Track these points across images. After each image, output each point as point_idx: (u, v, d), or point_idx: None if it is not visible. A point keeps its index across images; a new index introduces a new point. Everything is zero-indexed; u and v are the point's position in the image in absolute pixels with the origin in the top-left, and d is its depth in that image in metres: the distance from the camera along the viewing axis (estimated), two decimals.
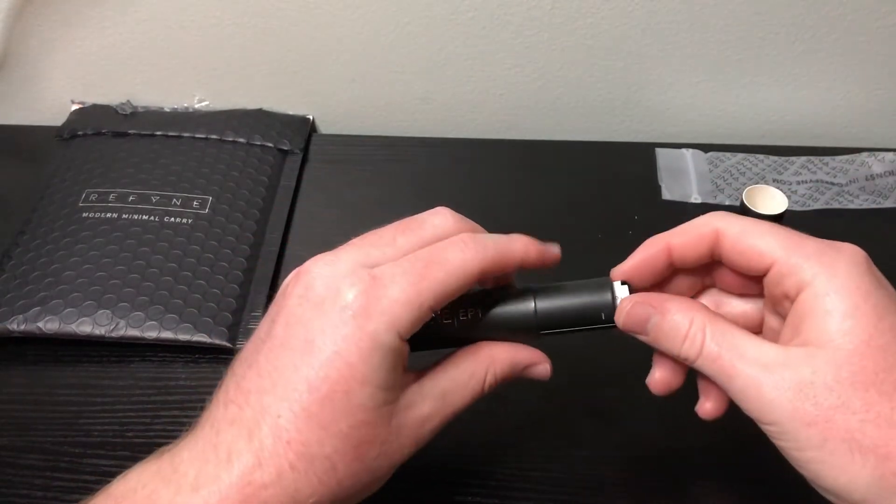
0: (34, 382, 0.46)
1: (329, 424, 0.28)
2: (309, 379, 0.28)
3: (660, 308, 0.31)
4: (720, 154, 0.60)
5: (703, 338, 0.30)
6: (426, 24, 0.58)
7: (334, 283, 0.30)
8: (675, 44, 0.59)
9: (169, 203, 0.53)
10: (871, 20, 0.57)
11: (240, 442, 0.29)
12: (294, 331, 0.29)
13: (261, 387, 0.29)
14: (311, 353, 0.29)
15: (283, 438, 0.28)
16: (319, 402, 0.28)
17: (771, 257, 0.30)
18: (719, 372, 0.30)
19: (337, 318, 0.29)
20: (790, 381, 0.28)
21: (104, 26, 0.60)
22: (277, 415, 0.29)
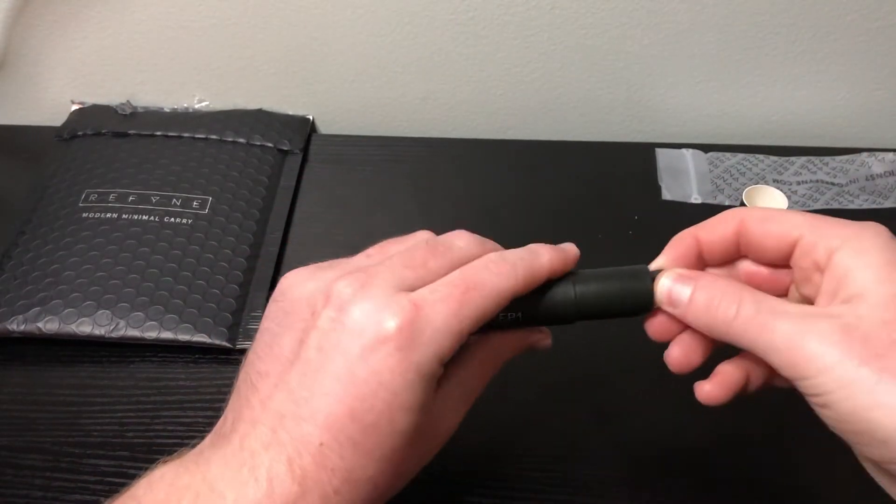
0: (34, 382, 0.46)
1: (373, 450, 0.29)
2: (353, 409, 0.28)
3: (696, 279, 0.31)
4: (720, 154, 0.60)
5: (740, 300, 0.30)
6: (426, 24, 0.58)
7: (375, 311, 0.29)
8: (675, 44, 0.59)
9: (169, 203, 0.53)
10: (871, 20, 0.57)
11: (279, 467, 0.28)
12: (331, 357, 0.29)
13: (297, 413, 0.29)
14: (353, 384, 0.28)
15: (328, 467, 0.28)
16: (363, 431, 0.28)
17: (797, 232, 0.30)
18: (758, 331, 0.29)
19: (380, 349, 0.28)
20: (835, 326, 0.27)
21: (104, 26, 0.60)
22: (319, 443, 0.28)
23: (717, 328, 0.30)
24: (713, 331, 0.31)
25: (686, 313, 0.31)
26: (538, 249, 0.33)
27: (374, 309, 0.29)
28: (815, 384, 0.27)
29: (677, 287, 0.31)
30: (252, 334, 0.47)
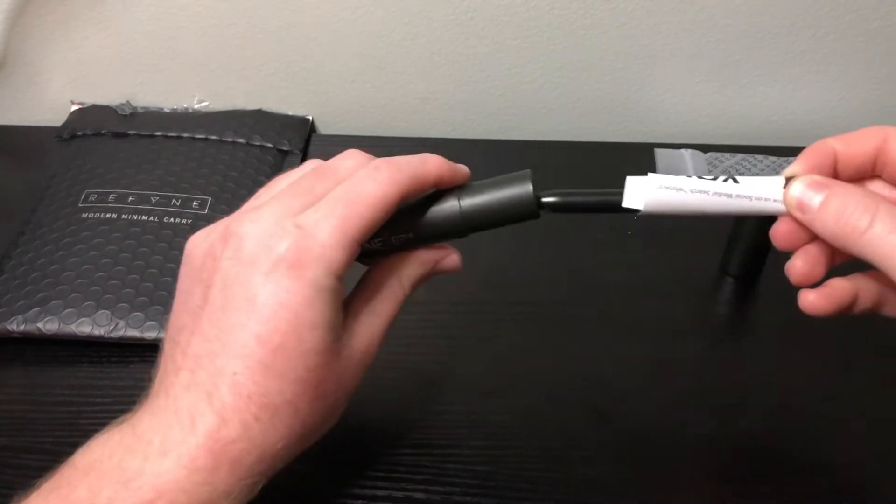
0: (34, 382, 0.46)
1: (286, 372, 0.30)
2: (259, 334, 0.29)
3: (830, 186, 0.30)
4: (719, 154, 0.60)
5: (874, 212, 0.29)
6: (426, 24, 0.58)
7: (264, 239, 0.30)
8: (675, 44, 0.59)
9: (168, 203, 0.53)
10: (871, 20, 0.57)
11: (200, 404, 0.30)
12: (233, 292, 0.30)
13: (210, 350, 0.30)
14: (255, 310, 0.30)
15: (244, 394, 0.30)
16: (273, 353, 0.29)
17: None
18: (892, 247, 0.28)
19: (274, 273, 0.30)
20: None
21: (104, 26, 0.60)
22: (233, 372, 0.30)
23: (845, 238, 0.29)
24: (841, 240, 0.30)
25: (815, 219, 0.30)
26: (426, 157, 0.34)
27: (265, 237, 0.30)
28: None
29: (809, 193, 0.30)
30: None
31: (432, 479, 0.40)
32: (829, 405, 0.44)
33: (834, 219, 0.30)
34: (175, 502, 0.29)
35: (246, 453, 0.30)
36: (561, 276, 0.51)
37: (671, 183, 0.32)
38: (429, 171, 0.34)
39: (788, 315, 0.48)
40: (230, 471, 0.30)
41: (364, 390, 0.45)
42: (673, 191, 0.32)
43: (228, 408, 0.30)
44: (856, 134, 0.32)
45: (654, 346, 0.47)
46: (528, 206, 0.34)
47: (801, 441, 0.43)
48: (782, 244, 0.33)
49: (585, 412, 0.43)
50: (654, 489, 0.40)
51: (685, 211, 0.32)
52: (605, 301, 0.50)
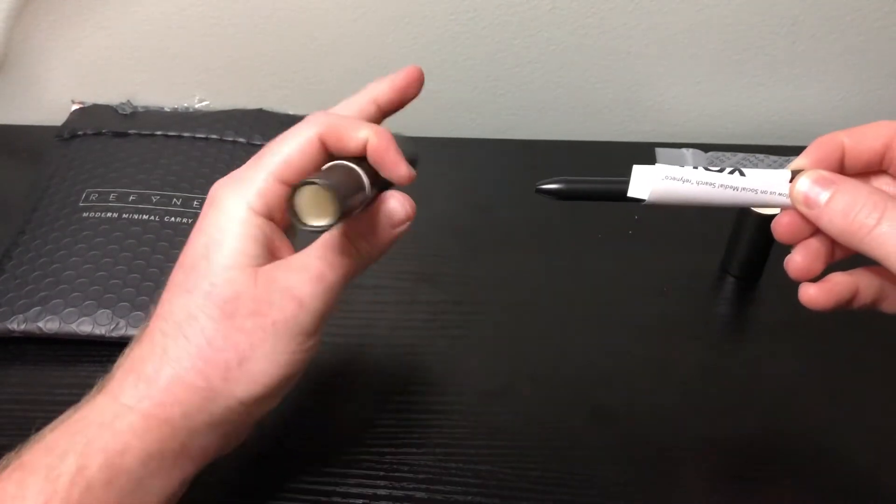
0: (34, 382, 0.46)
1: (192, 288, 0.32)
2: (180, 262, 0.33)
3: (838, 182, 0.30)
4: (720, 154, 0.60)
5: (882, 210, 0.29)
6: (426, 24, 0.58)
7: (211, 190, 0.34)
8: (675, 44, 0.59)
9: (169, 203, 0.53)
10: (871, 20, 0.57)
11: (138, 346, 0.33)
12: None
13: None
14: (184, 248, 0.33)
15: (153, 312, 0.33)
16: (184, 272, 0.32)
17: None
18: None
19: (201, 213, 0.33)
20: None
21: (104, 26, 0.60)
22: (158, 299, 0.33)
23: (852, 235, 0.30)
24: (847, 237, 0.30)
25: (821, 215, 0.30)
26: (365, 123, 0.35)
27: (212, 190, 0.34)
28: None
29: (815, 188, 0.30)
30: None
31: (433, 478, 0.40)
32: (830, 405, 0.44)
33: (841, 215, 0.30)
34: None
35: (152, 370, 0.32)
36: (561, 275, 0.51)
37: (677, 174, 0.32)
38: (352, 128, 0.35)
39: (789, 315, 0.49)
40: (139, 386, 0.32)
41: (364, 390, 0.45)
42: (679, 182, 0.32)
43: (146, 330, 0.33)
44: (865, 128, 0.32)
45: (654, 346, 0.47)
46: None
47: (801, 441, 0.43)
48: (784, 237, 0.33)
49: (586, 412, 0.43)
50: (654, 489, 0.40)
51: (690, 202, 0.32)
52: (606, 301, 0.50)
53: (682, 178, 0.32)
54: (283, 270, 0.32)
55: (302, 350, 0.33)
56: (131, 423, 0.31)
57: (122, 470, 0.30)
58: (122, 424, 0.31)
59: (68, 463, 0.30)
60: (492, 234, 0.54)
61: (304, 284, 0.32)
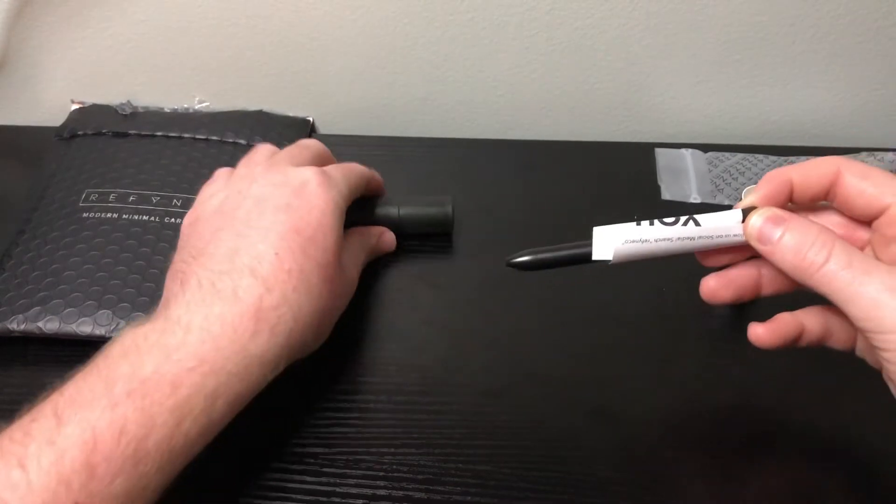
0: (34, 382, 0.45)
1: (313, 256, 0.38)
2: (297, 226, 0.39)
3: (789, 220, 0.32)
4: (720, 154, 0.60)
5: (831, 248, 0.31)
6: (426, 24, 0.58)
7: (290, 172, 0.42)
8: (675, 44, 0.59)
9: (169, 204, 0.53)
10: (871, 20, 0.57)
11: (243, 280, 0.36)
12: (266, 204, 0.40)
13: (249, 242, 0.38)
14: (291, 211, 0.39)
15: (285, 268, 0.37)
16: (307, 241, 0.39)
17: (889, 200, 0.32)
18: (846, 283, 0.30)
19: (307, 187, 0.41)
20: None
21: (104, 26, 0.60)
22: (275, 253, 0.37)
23: (802, 271, 0.32)
24: (797, 273, 0.32)
25: (773, 252, 0.32)
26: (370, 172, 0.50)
27: (290, 172, 0.42)
28: (890, 339, 0.30)
29: (768, 225, 0.33)
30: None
31: (433, 478, 0.40)
32: (831, 405, 0.44)
33: (792, 252, 0.32)
34: (216, 367, 0.34)
35: (283, 321, 0.36)
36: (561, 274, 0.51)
37: (636, 235, 0.34)
38: (375, 179, 0.51)
39: None
40: (269, 337, 0.36)
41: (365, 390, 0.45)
42: (639, 242, 0.34)
43: (271, 278, 0.37)
44: (811, 164, 0.34)
45: (653, 346, 0.47)
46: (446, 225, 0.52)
47: (801, 441, 0.43)
48: (706, 261, 0.36)
49: (586, 412, 0.43)
50: (654, 489, 0.40)
51: (653, 255, 0.34)
52: (606, 300, 0.50)
53: (640, 238, 0.34)
54: (346, 269, 0.44)
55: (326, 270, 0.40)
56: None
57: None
58: (199, 352, 0.35)
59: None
60: (491, 234, 0.54)
61: (354, 284, 0.46)
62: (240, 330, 0.35)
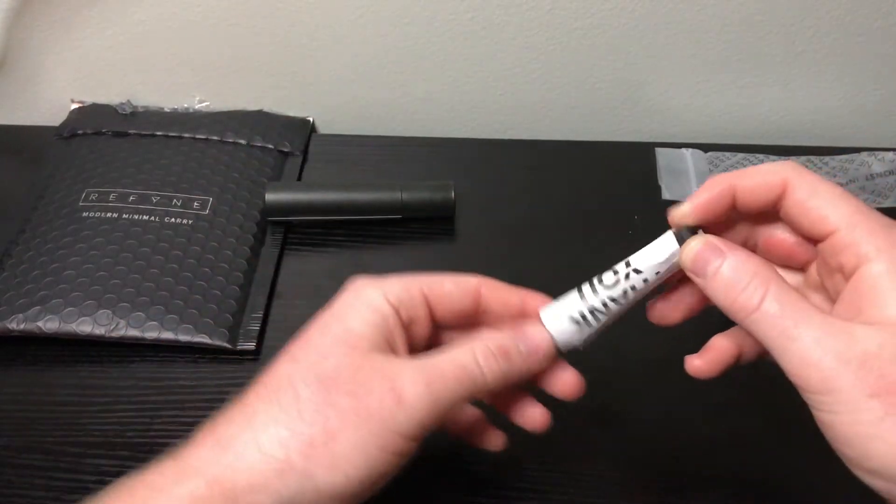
0: (34, 382, 0.46)
1: (300, 357, 0.31)
2: (299, 335, 0.32)
3: (728, 251, 0.30)
4: (720, 154, 0.60)
5: (765, 292, 0.28)
6: (426, 24, 0.58)
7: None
8: (675, 44, 0.59)
9: (169, 203, 0.53)
10: (871, 20, 0.57)
11: (228, 410, 0.31)
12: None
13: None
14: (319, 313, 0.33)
15: (279, 361, 0.32)
16: (298, 343, 0.32)
17: (834, 225, 0.29)
18: (777, 332, 0.28)
19: (344, 291, 0.34)
20: (856, 351, 0.27)
21: (104, 26, 0.60)
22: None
23: (735, 312, 0.29)
24: (731, 314, 0.30)
25: (707, 286, 0.30)
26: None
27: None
28: (821, 400, 0.27)
29: (704, 256, 0.30)
30: (252, 335, 0.47)
31: (432, 478, 0.40)
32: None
33: (725, 290, 0.29)
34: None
35: (235, 438, 0.30)
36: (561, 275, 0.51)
37: (575, 311, 0.33)
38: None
39: None
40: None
41: None
42: (589, 319, 0.34)
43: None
44: (757, 171, 0.31)
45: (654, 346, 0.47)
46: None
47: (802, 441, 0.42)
48: (657, 322, 0.35)
49: (586, 412, 0.43)
50: (654, 489, 0.40)
51: (613, 320, 0.34)
52: None
53: (582, 312, 0.33)
54: (394, 363, 0.31)
55: (395, 451, 0.30)
56: (192, 489, 0.28)
57: None
58: (182, 490, 0.29)
59: None
60: (491, 234, 0.54)
61: (409, 383, 0.30)
62: None
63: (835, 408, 0.27)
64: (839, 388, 0.27)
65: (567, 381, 0.35)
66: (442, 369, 0.31)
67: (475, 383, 0.32)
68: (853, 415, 0.27)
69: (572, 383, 0.35)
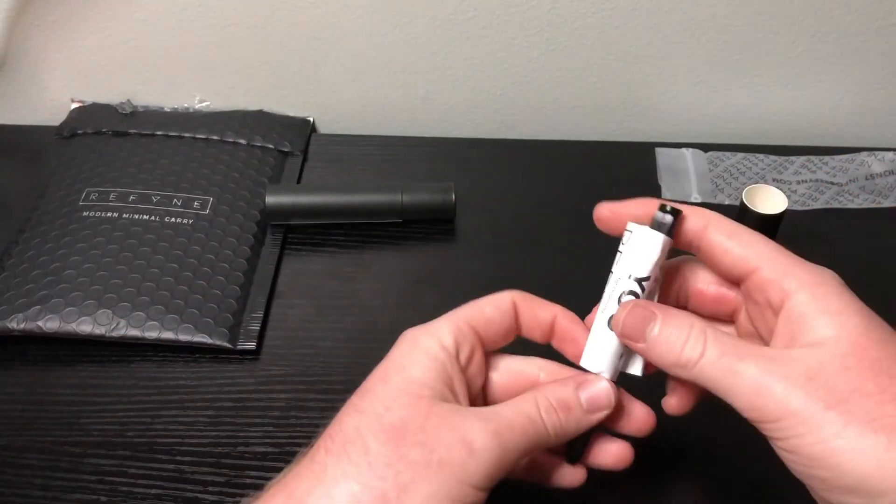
0: (34, 382, 0.46)
1: (365, 409, 0.31)
2: (360, 386, 0.32)
3: (661, 312, 0.31)
4: (720, 154, 0.60)
5: (704, 341, 0.30)
6: (426, 24, 0.58)
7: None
8: (675, 44, 0.59)
9: (169, 203, 0.53)
10: (871, 20, 0.57)
11: (298, 465, 0.31)
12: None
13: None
14: (369, 375, 0.33)
15: (322, 433, 0.31)
16: (361, 394, 0.31)
17: (756, 264, 0.30)
18: (723, 374, 0.29)
19: (400, 342, 0.33)
20: (800, 371, 0.27)
21: (104, 26, 0.60)
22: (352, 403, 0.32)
23: (679, 369, 0.30)
24: (674, 370, 0.31)
25: (648, 350, 0.31)
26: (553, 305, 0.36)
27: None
28: (780, 427, 0.28)
29: (638, 322, 0.31)
30: (252, 335, 0.47)
31: None
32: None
33: (666, 351, 0.30)
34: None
35: (308, 495, 0.29)
36: (561, 275, 0.51)
37: (615, 346, 0.33)
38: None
39: None
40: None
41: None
42: (625, 353, 0.33)
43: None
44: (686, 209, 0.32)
45: None
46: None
47: None
48: (676, 413, 0.35)
49: None
50: (654, 489, 0.40)
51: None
52: None
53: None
54: (461, 413, 0.31)
55: (464, 502, 0.30)
56: None
57: None
58: None
59: None
60: (492, 234, 0.54)
61: (479, 433, 0.30)
62: None
63: (796, 430, 0.27)
64: (795, 409, 0.27)
65: (638, 417, 0.35)
66: (509, 420, 0.31)
67: (539, 435, 0.32)
68: (815, 433, 0.27)
69: (643, 418, 0.35)
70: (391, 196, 0.53)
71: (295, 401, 0.44)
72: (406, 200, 0.53)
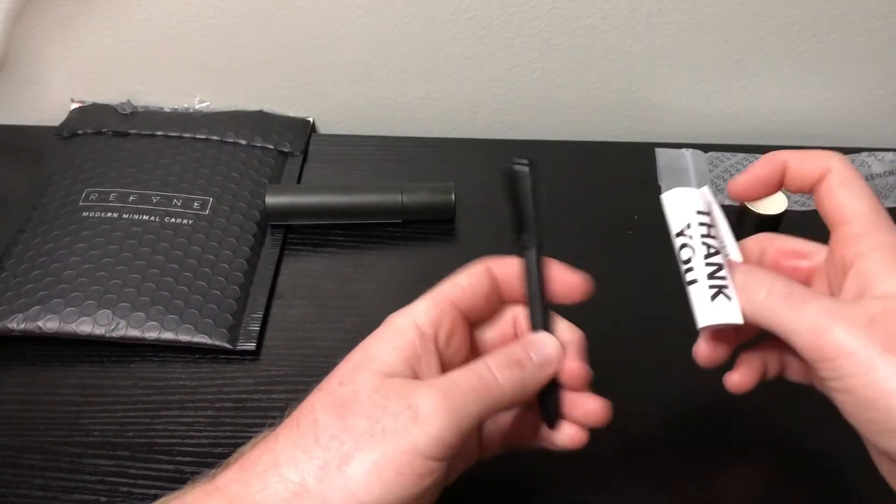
0: (34, 382, 0.46)
1: (324, 385, 0.32)
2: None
3: (736, 265, 0.33)
4: (720, 154, 0.60)
5: (771, 284, 0.31)
6: (426, 24, 0.58)
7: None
8: (675, 44, 0.59)
9: (169, 203, 0.53)
10: (871, 20, 0.57)
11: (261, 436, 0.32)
12: None
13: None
14: None
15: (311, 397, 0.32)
16: (328, 375, 0.32)
17: (850, 216, 0.31)
18: (785, 312, 0.30)
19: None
20: (862, 314, 0.28)
21: (104, 26, 0.60)
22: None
23: (750, 311, 0.31)
24: (746, 312, 0.32)
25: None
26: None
27: None
28: (836, 366, 0.28)
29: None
30: (252, 335, 0.47)
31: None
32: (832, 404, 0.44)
33: (740, 295, 0.32)
34: None
35: (257, 460, 0.30)
36: None
37: (710, 293, 0.33)
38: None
39: None
40: None
41: None
42: (726, 298, 0.33)
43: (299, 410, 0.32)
44: (807, 155, 0.34)
45: (654, 346, 0.47)
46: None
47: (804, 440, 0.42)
48: (705, 363, 0.35)
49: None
50: (654, 489, 0.40)
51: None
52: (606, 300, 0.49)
53: (716, 285, 0.33)
54: (411, 384, 0.30)
55: (415, 473, 0.29)
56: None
57: None
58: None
59: None
60: (492, 234, 0.54)
61: (425, 398, 0.29)
62: None
63: (850, 370, 0.28)
64: (852, 349, 0.28)
65: (591, 408, 0.35)
66: (457, 381, 0.31)
67: (493, 393, 0.31)
68: (870, 374, 0.28)
69: (597, 409, 0.35)
70: (391, 196, 0.53)
71: (295, 401, 0.44)
72: (406, 201, 0.53)
